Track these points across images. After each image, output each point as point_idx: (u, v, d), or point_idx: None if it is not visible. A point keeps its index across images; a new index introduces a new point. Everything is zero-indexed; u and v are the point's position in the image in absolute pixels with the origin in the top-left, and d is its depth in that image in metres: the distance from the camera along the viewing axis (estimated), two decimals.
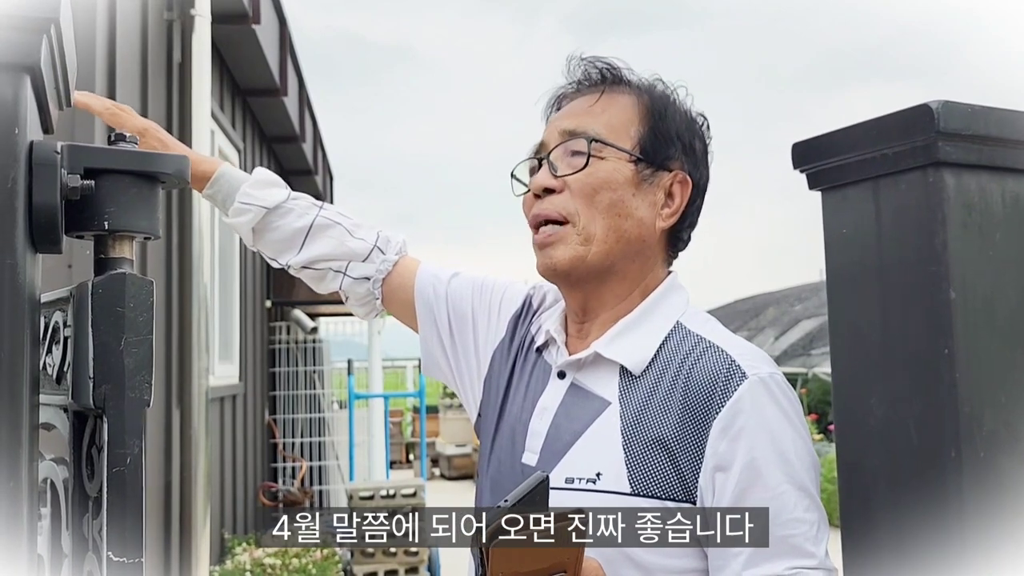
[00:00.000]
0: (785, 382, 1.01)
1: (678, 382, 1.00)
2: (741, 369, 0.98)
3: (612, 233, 1.05)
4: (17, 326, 0.49)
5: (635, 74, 1.12)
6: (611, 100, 1.09)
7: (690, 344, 1.03)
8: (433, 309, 1.24)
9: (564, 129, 1.08)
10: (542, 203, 1.07)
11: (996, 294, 0.93)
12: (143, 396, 0.54)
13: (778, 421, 0.97)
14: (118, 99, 2.75)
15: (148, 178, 0.58)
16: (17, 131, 0.49)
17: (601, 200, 1.05)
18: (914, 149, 0.92)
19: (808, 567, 0.93)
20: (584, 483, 0.98)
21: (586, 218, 1.05)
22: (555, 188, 1.06)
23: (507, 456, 1.09)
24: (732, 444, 0.95)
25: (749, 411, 0.96)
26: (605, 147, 1.06)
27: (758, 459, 0.94)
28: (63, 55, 0.57)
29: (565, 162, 1.07)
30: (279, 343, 6.26)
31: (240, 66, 4.69)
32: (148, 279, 0.56)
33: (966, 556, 0.88)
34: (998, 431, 0.91)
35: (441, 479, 10.59)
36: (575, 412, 1.04)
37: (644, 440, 0.98)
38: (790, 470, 0.95)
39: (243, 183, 1.25)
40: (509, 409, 1.13)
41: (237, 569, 4.22)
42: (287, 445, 6.27)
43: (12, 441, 0.49)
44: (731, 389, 0.97)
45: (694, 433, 0.96)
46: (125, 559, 0.52)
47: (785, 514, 0.93)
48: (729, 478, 0.94)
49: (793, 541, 0.93)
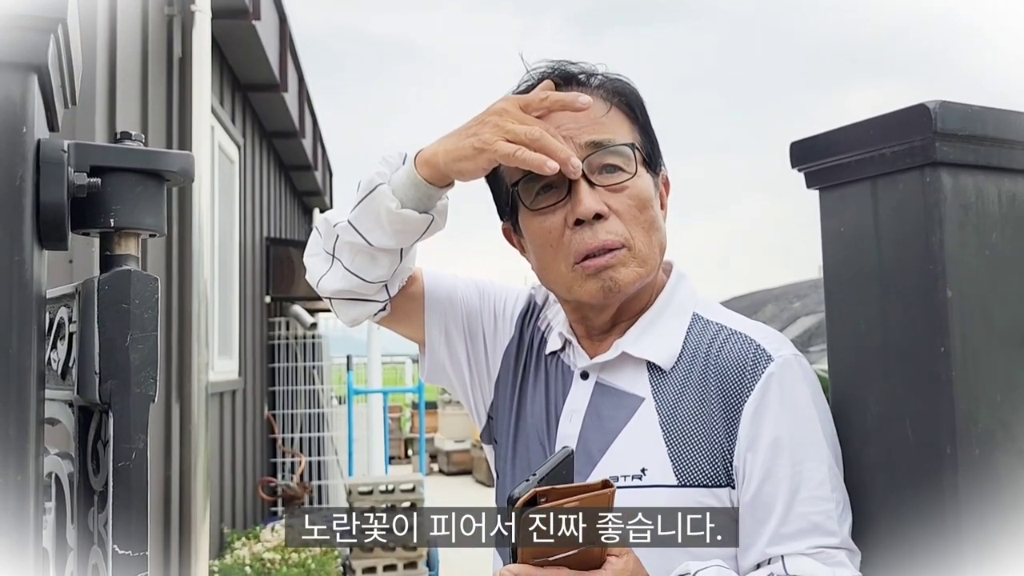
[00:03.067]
0: (807, 363, 1.02)
1: (708, 371, 1.01)
2: (767, 352, 1.00)
3: (657, 248, 1.03)
4: (24, 322, 0.50)
5: (609, 74, 1.06)
6: (615, 110, 1.04)
7: (711, 333, 1.04)
8: (442, 315, 1.20)
9: (589, 141, 0.99)
10: (596, 233, 0.98)
11: (992, 293, 0.94)
12: (148, 392, 0.55)
13: (804, 400, 0.98)
14: (118, 94, 2.76)
15: (154, 176, 0.59)
16: (25, 130, 0.50)
17: (646, 219, 1.01)
18: (911, 149, 0.92)
19: (831, 546, 0.93)
20: (630, 480, 0.98)
21: (641, 240, 1.01)
22: (603, 213, 0.98)
23: (536, 458, 1.07)
24: (760, 423, 0.96)
25: (776, 391, 0.97)
26: (637, 156, 1.02)
27: (783, 437, 0.95)
28: (69, 54, 0.58)
29: (602, 179, 1.00)
30: (278, 339, 6.27)
31: (240, 61, 4.69)
32: (153, 276, 0.56)
33: (962, 552, 0.89)
34: (993, 429, 0.92)
35: (440, 475, 10.60)
36: (607, 412, 1.04)
37: (684, 431, 0.99)
38: (817, 448, 0.96)
39: None
40: (529, 411, 1.11)
41: (236, 563, 4.23)
42: (286, 440, 6.27)
43: (19, 435, 0.49)
44: (759, 372, 0.98)
45: (727, 419, 0.98)
46: (130, 552, 0.53)
47: (808, 491, 0.94)
48: (757, 456, 0.95)
49: (816, 519, 0.93)
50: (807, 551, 0.92)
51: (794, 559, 0.92)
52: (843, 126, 1.01)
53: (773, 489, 0.94)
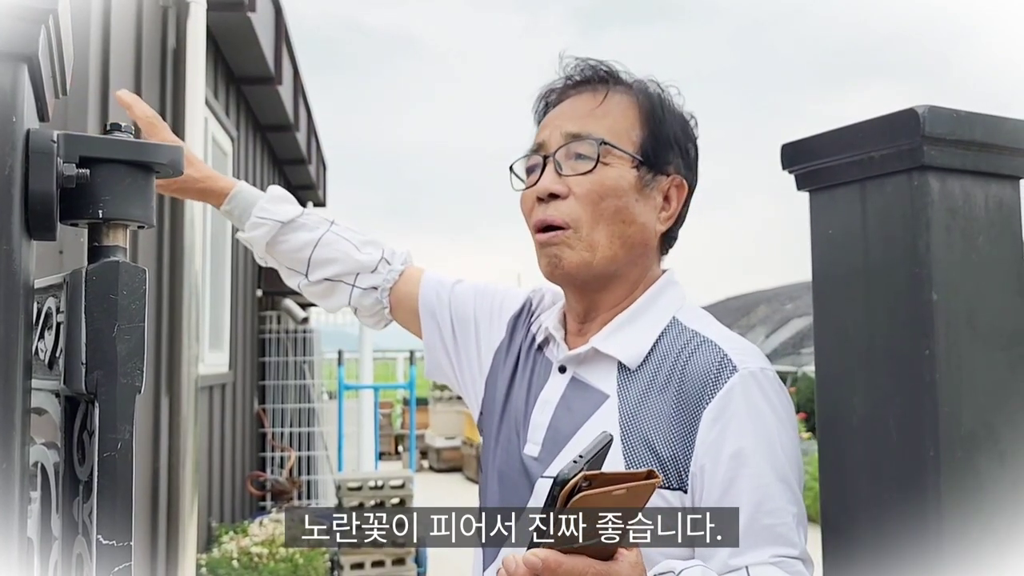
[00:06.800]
0: (775, 377, 1.03)
1: (673, 376, 1.02)
2: (732, 363, 1.00)
3: (617, 240, 1.06)
4: (12, 311, 0.50)
5: (632, 76, 1.13)
6: (613, 103, 1.10)
7: (685, 339, 1.06)
8: (436, 313, 1.29)
9: (568, 132, 1.08)
10: (547, 208, 1.07)
11: (978, 297, 0.94)
12: (135, 382, 0.55)
13: (766, 413, 0.99)
14: (111, 85, 2.75)
15: (143, 167, 0.59)
16: (15, 119, 0.50)
17: (607, 207, 1.06)
18: (900, 153, 0.93)
19: (791, 556, 0.95)
20: None
21: (589, 226, 1.05)
22: (560, 194, 1.06)
23: (512, 448, 1.11)
24: (721, 434, 0.97)
25: (738, 402, 0.98)
26: (611, 152, 1.06)
27: (745, 448, 0.96)
28: (60, 44, 0.58)
29: (569, 165, 1.07)
30: (269, 332, 6.26)
31: (235, 54, 4.68)
32: (141, 267, 0.56)
33: (942, 553, 0.89)
34: (976, 431, 0.92)
35: (430, 471, 10.60)
36: (575, 405, 1.07)
37: (640, 432, 1.00)
38: (776, 461, 0.97)
39: (259, 199, 1.34)
40: (512, 404, 1.16)
41: (224, 557, 4.23)
42: (276, 435, 6.27)
43: (5, 425, 0.49)
44: (722, 381, 0.99)
45: (687, 424, 0.99)
46: (115, 542, 0.53)
47: (770, 503, 0.95)
48: (718, 467, 0.96)
49: (778, 530, 0.95)
50: (769, 560, 0.94)
51: (758, 568, 0.93)
52: (833, 129, 1.01)
53: (735, 500, 0.95)
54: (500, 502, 1.09)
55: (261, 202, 1.33)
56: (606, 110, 1.09)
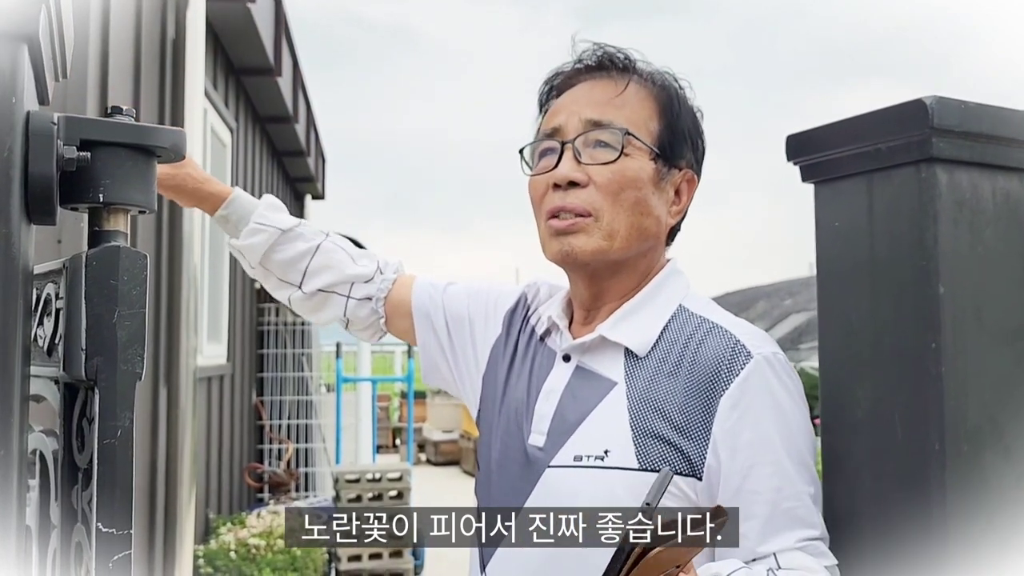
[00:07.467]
0: (786, 360, 1.03)
1: (683, 362, 1.02)
2: (746, 349, 1.00)
3: (634, 230, 1.06)
4: (10, 297, 0.49)
5: (650, 65, 1.12)
6: (631, 93, 1.09)
7: (693, 325, 1.06)
8: (431, 316, 1.29)
9: (588, 118, 1.06)
10: (567, 196, 1.05)
11: (984, 290, 0.94)
12: (135, 369, 0.54)
13: (782, 398, 0.99)
14: (110, 75, 2.74)
15: (144, 151, 0.58)
16: (14, 100, 0.49)
17: (627, 198, 1.05)
18: (908, 144, 0.92)
19: (814, 537, 0.96)
20: (592, 460, 1.01)
21: (611, 215, 1.04)
22: (580, 182, 1.05)
23: (514, 439, 1.11)
24: (739, 421, 0.97)
25: (756, 389, 0.98)
26: (633, 142, 1.06)
27: (764, 435, 0.97)
28: (60, 26, 0.57)
29: (588, 153, 1.06)
30: (268, 325, 6.24)
31: (234, 45, 4.66)
32: (142, 252, 0.55)
33: (947, 547, 0.89)
34: (982, 426, 0.92)
35: (427, 464, 10.60)
36: (582, 393, 1.06)
37: (650, 418, 1.00)
38: (793, 444, 0.98)
39: (258, 206, 1.32)
40: (511, 396, 1.15)
41: (222, 549, 4.23)
42: (274, 427, 6.26)
43: (4, 412, 0.48)
44: (737, 368, 0.99)
45: (700, 411, 0.99)
46: (114, 530, 0.52)
47: (791, 487, 0.96)
48: (737, 453, 0.96)
49: (799, 512, 0.95)
50: (796, 545, 0.94)
51: (786, 554, 0.94)
52: (839, 120, 1.01)
53: (756, 486, 0.95)
54: (500, 494, 1.09)
55: (260, 208, 1.32)
56: (625, 99, 1.08)
